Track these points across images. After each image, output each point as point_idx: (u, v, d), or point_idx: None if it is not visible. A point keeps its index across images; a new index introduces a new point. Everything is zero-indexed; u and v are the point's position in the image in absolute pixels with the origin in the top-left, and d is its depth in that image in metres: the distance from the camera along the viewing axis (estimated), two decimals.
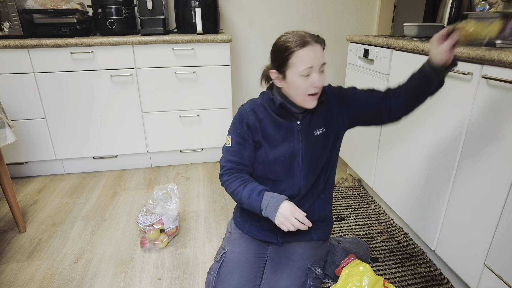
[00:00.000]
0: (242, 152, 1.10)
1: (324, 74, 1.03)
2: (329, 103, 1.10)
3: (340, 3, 2.61)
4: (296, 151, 1.09)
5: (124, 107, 2.06)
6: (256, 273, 1.10)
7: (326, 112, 1.11)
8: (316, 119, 1.10)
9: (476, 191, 1.06)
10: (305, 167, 1.11)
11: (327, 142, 1.12)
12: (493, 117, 0.98)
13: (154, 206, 1.48)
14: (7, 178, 1.49)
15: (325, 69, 1.03)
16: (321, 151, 1.11)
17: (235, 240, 1.20)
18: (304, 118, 1.09)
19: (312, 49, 0.98)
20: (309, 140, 1.10)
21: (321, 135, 1.10)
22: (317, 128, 1.10)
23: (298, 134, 1.09)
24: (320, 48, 1.00)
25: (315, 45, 0.98)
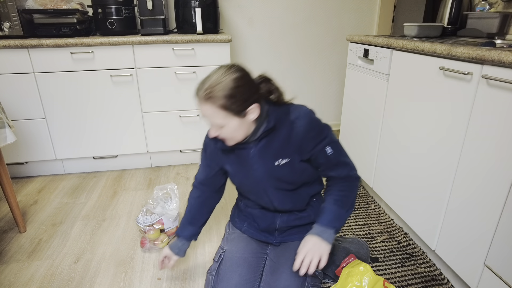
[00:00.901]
0: (206, 174, 1.19)
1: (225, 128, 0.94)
2: (295, 134, 1.00)
3: (340, 3, 2.61)
4: (256, 178, 1.07)
5: (124, 107, 2.06)
6: (255, 273, 1.10)
7: (289, 142, 1.01)
8: (275, 147, 1.02)
9: (476, 191, 1.06)
10: (271, 193, 1.09)
11: (295, 170, 1.05)
12: (493, 117, 0.98)
13: (154, 206, 1.48)
14: (7, 178, 1.49)
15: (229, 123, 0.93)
16: (290, 179, 1.06)
17: (233, 239, 1.20)
18: (257, 145, 1.03)
19: (200, 105, 0.93)
20: (268, 169, 1.04)
21: (285, 165, 1.03)
22: (279, 158, 1.02)
23: (253, 163, 1.05)
24: (206, 108, 0.91)
25: (201, 103, 0.92)
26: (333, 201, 1.05)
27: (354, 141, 1.91)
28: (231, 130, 0.95)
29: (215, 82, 0.90)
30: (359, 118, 1.82)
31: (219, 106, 0.90)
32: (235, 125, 0.94)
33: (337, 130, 2.98)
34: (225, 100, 0.90)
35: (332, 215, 1.03)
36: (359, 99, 1.81)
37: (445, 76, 1.16)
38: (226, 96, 0.89)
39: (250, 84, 0.94)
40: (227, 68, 0.93)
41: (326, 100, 2.93)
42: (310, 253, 0.98)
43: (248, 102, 0.93)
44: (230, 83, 0.90)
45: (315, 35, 2.68)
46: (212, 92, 0.89)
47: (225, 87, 0.90)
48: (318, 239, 1.00)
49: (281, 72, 2.73)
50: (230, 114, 0.92)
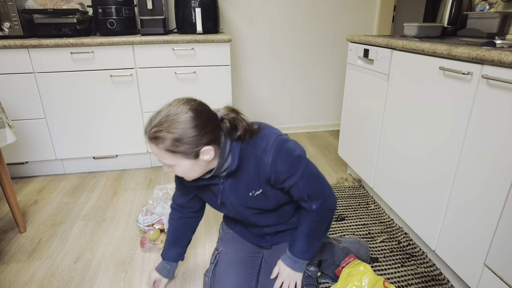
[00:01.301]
0: (183, 199, 1.17)
1: (177, 167, 0.88)
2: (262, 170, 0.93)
3: (340, 3, 2.61)
4: (232, 208, 1.04)
5: (124, 107, 2.06)
6: (251, 272, 1.10)
7: (258, 176, 0.95)
8: (245, 182, 0.97)
9: (476, 191, 1.06)
10: (251, 217, 1.06)
11: (270, 198, 1.00)
12: (493, 117, 0.98)
13: (154, 206, 1.48)
14: (7, 178, 1.49)
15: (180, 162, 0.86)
16: (267, 205, 1.01)
17: (228, 240, 1.20)
18: (226, 181, 0.98)
19: (148, 143, 0.87)
20: (243, 200, 1.00)
21: (259, 196, 0.98)
22: (252, 190, 0.97)
23: (223, 196, 1.01)
24: (153, 148, 0.85)
25: (148, 141, 0.86)
26: (305, 233, 1.03)
27: (354, 141, 1.91)
28: (183, 170, 0.89)
29: (164, 121, 0.82)
30: (359, 118, 1.82)
31: (165, 149, 0.83)
32: (186, 165, 0.87)
33: (337, 130, 2.99)
34: (171, 143, 0.82)
35: (302, 249, 1.05)
36: (359, 99, 1.81)
37: (445, 76, 1.16)
38: (173, 139, 0.82)
39: (204, 124, 0.85)
40: (181, 104, 0.85)
41: (326, 100, 2.93)
42: (287, 280, 1.06)
43: (200, 144, 0.84)
44: (181, 124, 0.82)
45: (315, 35, 2.68)
46: (158, 132, 0.82)
47: (174, 128, 0.81)
48: (290, 271, 1.06)
49: (281, 72, 2.73)
50: (178, 156, 0.84)
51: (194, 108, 0.85)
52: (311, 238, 1.04)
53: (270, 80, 2.74)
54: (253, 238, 1.18)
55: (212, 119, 0.88)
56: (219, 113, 0.93)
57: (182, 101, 0.86)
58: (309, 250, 1.06)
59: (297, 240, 1.06)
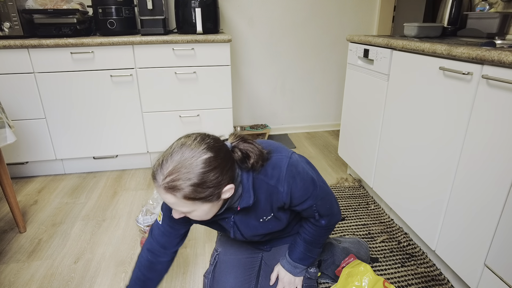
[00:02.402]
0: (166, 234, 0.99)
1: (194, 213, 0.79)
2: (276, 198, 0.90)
3: (340, 3, 2.61)
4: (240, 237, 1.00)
5: (124, 107, 2.06)
6: (250, 274, 1.10)
7: (271, 205, 0.92)
8: (256, 213, 0.93)
9: (476, 191, 1.06)
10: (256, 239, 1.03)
11: (282, 220, 0.97)
12: (493, 117, 0.98)
13: (154, 206, 1.48)
14: (7, 178, 1.49)
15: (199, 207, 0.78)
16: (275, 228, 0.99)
17: (227, 241, 1.20)
18: (236, 216, 0.94)
19: (159, 192, 0.76)
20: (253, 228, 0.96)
21: (270, 220, 0.96)
22: (263, 216, 0.94)
23: (234, 228, 0.97)
24: (169, 198, 0.74)
25: (162, 192, 0.75)
26: (307, 240, 1.04)
27: (354, 141, 1.91)
28: (201, 214, 0.80)
29: (179, 166, 0.72)
30: (359, 118, 1.82)
31: (185, 197, 0.73)
32: (205, 209, 0.79)
33: (337, 130, 2.99)
34: (191, 190, 0.72)
35: (303, 255, 1.05)
36: (359, 99, 1.81)
37: (445, 76, 1.16)
38: (193, 185, 0.72)
39: (224, 163, 0.77)
40: (196, 144, 0.75)
41: (326, 100, 2.93)
42: (287, 287, 1.06)
43: (222, 185, 0.77)
44: (199, 167, 0.72)
45: (315, 35, 2.68)
46: (176, 181, 0.72)
47: (193, 173, 0.72)
48: (290, 277, 1.06)
49: (281, 72, 2.73)
50: (198, 202, 0.76)
51: (212, 147, 0.76)
52: (312, 245, 1.05)
53: (270, 80, 2.74)
54: (252, 242, 1.18)
55: (229, 154, 0.81)
56: (228, 142, 0.85)
57: (196, 139, 0.76)
58: (310, 256, 1.06)
59: (298, 246, 1.06)
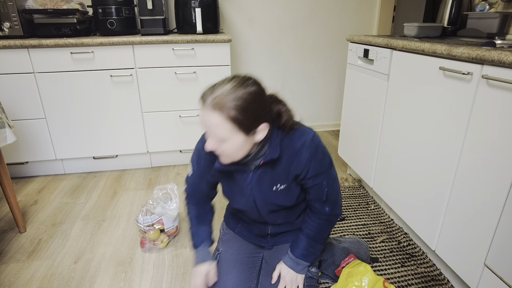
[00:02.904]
0: (197, 184, 1.09)
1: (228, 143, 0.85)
2: (296, 163, 0.95)
3: (340, 3, 2.61)
4: (251, 199, 1.03)
5: (124, 107, 2.06)
6: (251, 273, 1.10)
7: (289, 170, 0.96)
8: (274, 175, 0.97)
9: (476, 191, 1.06)
10: (265, 213, 1.06)
11: (292, 195, 1.01)
12: (493, 117, 0.98)
13: (154, 206, 1.48)
14: (7, 178, 1.49)
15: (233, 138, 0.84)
16: (285, 202, 1.02)
17: (228, 240, 1.20)
18: (256, 171, 0.97)
19: (203, 112, 0.83)
20: (265, 193, 1.00)
21: (282, 191, 0.99)
22: (277, 183, 0.98)
23: (248, 186, 1.00)
24: (214, 117, 0.81)
25: (208, 110, 0.82)
26: (310, 235, 1.06)
27: (354, 141, 1.91)
28: (233, 147, 0.85)
29: (228, 90, 0.80)
30: (359, 118, 1.82)
31: (229, 117, 0.80)
32: (239, 142, 0.85)
33: (337, 130, 2.99)
34: (236, 112, 0.80)
35: (306, 251, 1.06)
36: (359, 99, 1.81)
37: (445, 76, 1.16)
38: (239, 107, 0.80)
39: (264, 101, 0.86)
40: (243, 80, 0.84)
41: (326, 100, 2.93)
42: (289, 285, 1.05)
43: (259, 120, 0.85)
44: (245, 95, 0.81)
45: (315, 35, 2.68)
46: (224, 100, 0.80)
47: (239, 98, 0.80)
48: (293, 274, 1.05)
49: (281, 72, 2.73)
50: (237, 128, 0.82)
51: (258, 84, 0.85)
52: (315, 241, 1.06)
53: (270, 80, 2.74)
54: (254, 239, 1.18)
55: (268, 102, 0.88)
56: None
57: (244, 77, 0.85)
58: (312, 252, 1.06)
59: (301, 242, 1.06)
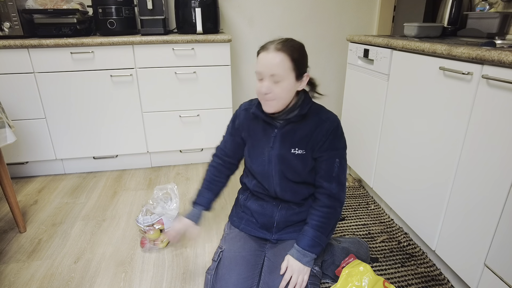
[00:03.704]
0: (227, 144, 1.25)
1: (281, 84, 1.00)
2: (319, 131, 1.08)
3: (340, 3, 2.61)
4: (269, 157, 1.12)
5: (124, 107, 2.06)
6: (254, 271, 1.10)
7: (310, 136, 1.08)
8: (296, 137, 1.09)
9: (476, 191, 1.06)
10: (277, 176, 1.13)
11: (306, 164, 1.10)
12: (493, 117, 0.98)
13: (154, 206, 1.48)
14: (7, 178, 1.49)
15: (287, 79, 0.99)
16: (298, 169, 1.11)
17: (231, 239, 1.20)
18: (283, 128, 1.10)
19: (266, 55, 0.99)
20: (284, 153, 1.10)
21: (299, 156, 1.09)
22: (296, 147, 1.09)
23: (272, 141, 1.11)
24: (277, 56, 0.98)
25: (271, 52, 0.98)
26: (316, 226, 1.09)
27: (354, 141, 1.91)
28: (284, 88, 1.00)
29: (287, 41, 1.00)
30: (359, 118, 1.82)
31: (291, 57, 0.98)
32: (289, 84, 1.01)
33: None
34: (296, 54, 0.99)
35: (312, 241, 1.07)
36: (359, 99, 1.81)
37: (445, 76, 1.16)
38: (298, 51, 1.00)
39: (307, 56, 1.06)
40: (292, 39, 1.03)
41: (326, 100, 2.92)
42: (296, 274, 1.06)
43: (305, 68, 1.04)
44: (299, 45, 1.02)
45: (315, 35, 2.68)
46: (287, 46, 0.98)
47: (297, 45, 1.01)
48: (299, 265, 1.06)
49: None
50: (293, 69, 0.99)
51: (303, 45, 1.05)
52: (320, 231, 1.08)
53: None
54: (259, 232, 1.19)
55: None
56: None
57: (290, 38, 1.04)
58: (318, 244, 1.08)
59: (307, 233, 1.08)
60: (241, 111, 1.20)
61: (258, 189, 1.20)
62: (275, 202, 1.19)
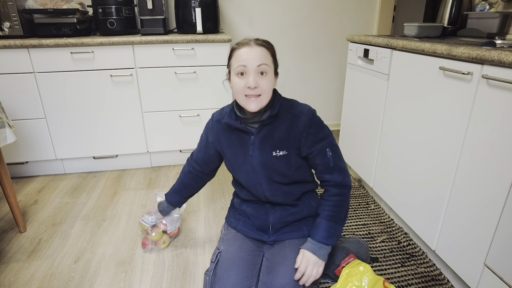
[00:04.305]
0: (202, 155, 1.25)
1: (267, 77, 1.00)
2: (296, 127, 1.05)
3: (340, 3, 2.61)
4: (252, 165, 1.10)
5: (124, 107, 2.06)
6: (252, 271, 1.10)
7: (289, 135, 1.06)
8: (275, 138, 1.06)
9: (476, 191, 1.06)
10: (264, 183, 1.11)
11: (290, 164, 1.09)
12: (493, 117, 0.98)
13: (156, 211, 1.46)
14: (7, 178, 1.49)
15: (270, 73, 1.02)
16: (284, 171, 1.09)
17: (229, 239, 1.20)
18: (259, 132, 1.07)
19: (250, 49, 0.99)
20: (265, 158, 1.08)
21: (282, 157, 1.07)
22: (277, 149, 1.07)
23: (251, 149, 1.08)
24: (260, 49, 1.00)
25: (254, 47, 1.00)
26: (328, 216, 1.08)
27: (354, 141, 1.91)
28: (270, 81, 1.01)
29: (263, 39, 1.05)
30: (359, 118, 1.82)
31: (271, 52, 1.03)
32: (272, 78, 1.02)
33: (337, 130, 2.99)
34: (273, 51, 1.05)
35: (327, 233, 1.07)
36: (359, 99, 1.81)
37: (445, 76, 1.16)
38: (273, 49, 1.05)
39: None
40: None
41: (326, 100, 2.93)
42: (311, 265, 1.05)
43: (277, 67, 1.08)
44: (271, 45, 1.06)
45: (315, 35, 2.68)
46: (266, 42, 1.04)
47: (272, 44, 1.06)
48: (315, 257, 1.05)
49: (281, 72, 2.73)
50: (273, 63, 1.03)
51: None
52: (334, 221, 1.07)
53: None
54: (256, 234, 1.19)
55: None
56: None
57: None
58: (333, 234, 1.07)
59: (320, 225, 1.08)
60: (213, 123, 1.17)
61: (249, 197, 1.19)
62: (269, 205, 1.18)
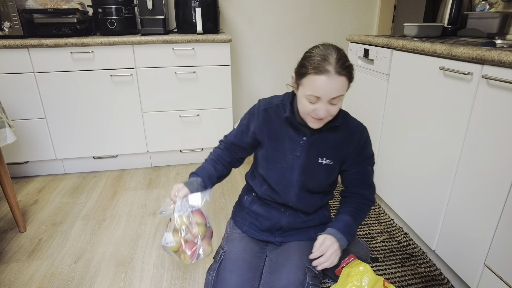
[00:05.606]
0: (236, 139, 1.16)
1: (339, 104, 0.94)
2: (350, 142, 1.05)
3: (340, 3, 2.61)
4: (293, 165, 1.07)
5: (124, 107, 2.06)
6: (255, 273, 1.10)
7: (341, 147, 1.05)
8: (325, 146, 1.05)
9: (476, 191, 1.06)
10: (297, 187, 1.09)
11: (331, 175, 1.09)
12: (493, 117, 0.98)
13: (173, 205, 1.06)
14: (7, 178, 1.49)
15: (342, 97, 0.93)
16: (322, 180, 1.09)
17: (233, 240, 1.20)
18: (311, 136, 1.05)
19: (329, 81, 0.87)
20: (309, 163, 1.06)
21: (325, 166, 1.06)
22: (325, 157, 1.05)
23: (299, 150, 1.06)
24: (340, 80, 0.88)
25: (334, 77, 0.87)
26: (352, 213, 1.08)
27: None
28: (339, 106, 0.95)
29: (340, 54, 0.89)
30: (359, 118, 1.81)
31: (349, 79, 0.91)
32: (341, 102, 0.95)
33: None
34: (352, 77, 0.92)
35: (348, 228, 1.07)
36: (359, 99, 1.81)
37: (445, 76, 1.16)
38: (353, 75, 0.92)
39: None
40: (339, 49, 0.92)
41: None
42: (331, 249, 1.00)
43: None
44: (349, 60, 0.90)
45: (315, 35, 2.68)
46: (346, 65, 0.88)
47: (350, 62, 0.90)
48: (337, 244, 1.02)
49: (281, 72, 2.73)
50: (348, 86, 0.93)
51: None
52: (354, 219, 1.07)
53: (270, 80, 2.74)
54: (262, 235, 1.18)
55: None
56: None
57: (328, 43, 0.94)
58: (352, 232, 1.07)
59: (342, 219, 1.07)
60: (260, 111, 1.09)
61: (268, 195, 1.15)
62: (283, 208, 1.16)
